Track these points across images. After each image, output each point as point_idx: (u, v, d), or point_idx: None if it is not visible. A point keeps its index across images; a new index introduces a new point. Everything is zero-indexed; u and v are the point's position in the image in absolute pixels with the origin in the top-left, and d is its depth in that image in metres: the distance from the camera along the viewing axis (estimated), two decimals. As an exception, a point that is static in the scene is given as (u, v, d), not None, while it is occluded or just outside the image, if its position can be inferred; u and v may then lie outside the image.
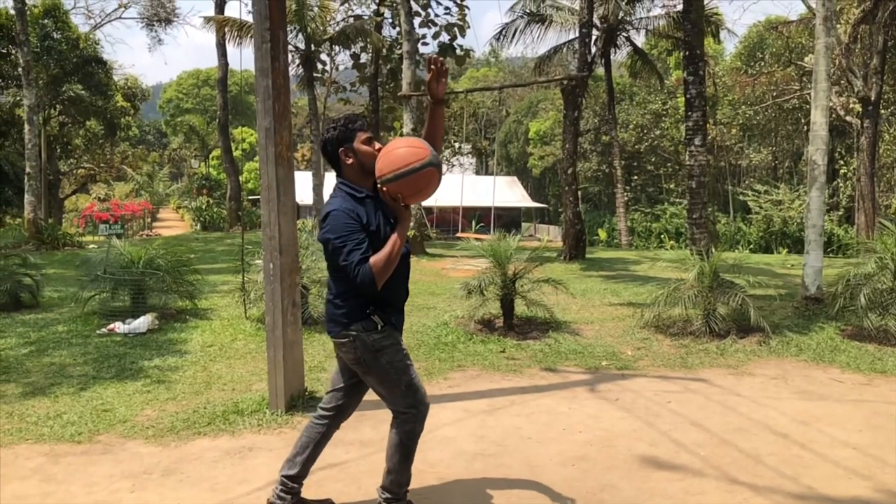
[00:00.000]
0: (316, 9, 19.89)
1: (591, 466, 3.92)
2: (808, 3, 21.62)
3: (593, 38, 18.86)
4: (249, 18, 18.61)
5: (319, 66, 22.36)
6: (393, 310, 3.09)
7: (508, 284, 7.24)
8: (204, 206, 32.91)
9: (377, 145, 3.02)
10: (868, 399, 5.19)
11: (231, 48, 23.60)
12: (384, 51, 21.93)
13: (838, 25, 20.18)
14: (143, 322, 7.23)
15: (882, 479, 3.76)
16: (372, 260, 2.81)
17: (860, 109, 21.46)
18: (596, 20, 19.16)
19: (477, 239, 19.18)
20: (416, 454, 3.17)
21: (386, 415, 3.20)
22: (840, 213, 28.73)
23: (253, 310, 7.78)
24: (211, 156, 47.21)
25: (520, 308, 7.54)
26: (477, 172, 46.30)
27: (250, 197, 41.24)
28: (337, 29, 21.35)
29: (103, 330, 7.23)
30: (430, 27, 20.31)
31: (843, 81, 22.47)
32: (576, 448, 4.20)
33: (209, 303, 8.85)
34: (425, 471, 3.76)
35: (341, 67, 26.00)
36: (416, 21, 18.17)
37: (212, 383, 5.50)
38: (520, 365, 6.11)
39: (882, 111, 22.28)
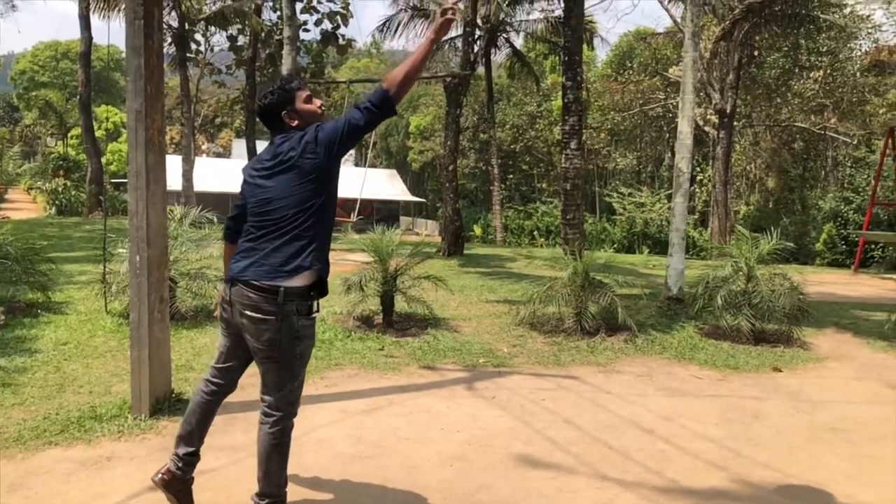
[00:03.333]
0: (191, -15, 18.93)
1: (468, 466, 3.94)
2: (675, 18, 22.99)
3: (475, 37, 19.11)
4: (116, -10, 17.43)
5: (193, 46, 21.30)
6: (323, 291, 2.99)
7: (389, 281, 7.19)
8: (60, 189, 30.50)
9: (318, 102, 2.99)
10: (723, 394, 5.55)
11: (96, 20, 22.04)
12: (263, 35, 21.20)
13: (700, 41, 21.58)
14: (-15, 316, 6.57)
15: (736, 469, 4.02)
16: (383, 81, 2.80)
17: (717, 121, 23.07)
18: (478, 20, 19.41)
19: (357, 229, 18.97)
20: (291, 458, 3.05)
21: (256, 417, 3.05)
22: (696, 216, 30.82)
23: (114, 303, 7.26)
24: (70, 134, 43.90)
25: (399, 304, 7.50)
26: (356, 164, 45.86)
27: (113, 180, 38.75)
28: (214, 8, 20.41)
29: (-63, 324, 6.51)
30: (312, 14, 19.86)
31: (702, 94, 24.10)
32: (454, 448, 4.21)
33: (64, 295, 8.19)
34: (300, 475, 3.63)
35: (217, 49, 24.95)
36: (298, 7, 17.67)
37: (66, 386, 5.06)
38: (399, 363, 6.06)
39: (735, 123, 24.03)
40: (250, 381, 3.20)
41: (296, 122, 2.96)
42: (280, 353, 2.88)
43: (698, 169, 31.47)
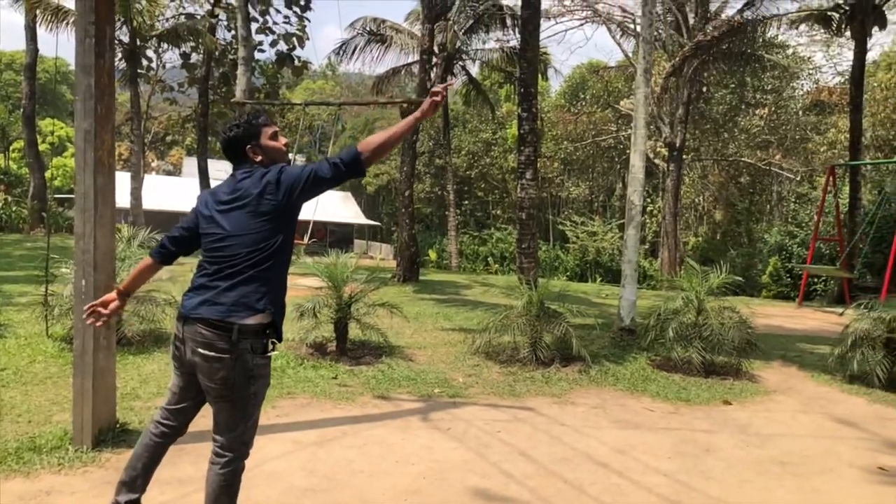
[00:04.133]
0: (144, 1, 18.64)
1: (424, 501, 3.87)
2: (627, 52, 23.61)
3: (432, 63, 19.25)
4: (68, 2, 17.06)
5: (145, 63, 20.92)
6: (278, 336, 2.91)
7: (344, 307, 7.10)
8: (1, 205, 29.45)
9: (283, 140, 2.96)
10: (675, 427, 5.60)
11: (43, 32, 21.45)
12: (217, 53, 20.98)
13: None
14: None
15: (689, 503, 4.05)
16: (361, 143, 2.79)
17: (667, 154, 23.68)
18: (435, 47, 19.57)
19: (310, 252, 18.75)
20: (241, 491, 2.95)
21: (206, 449, 2.94)
22: (646, 246, 31.42)
23: (56, 327, 6.98)
24: (12, 148, 42.51)
25: (354, 332, 7.40)
26: (309, 186, 45.48)
27: (56, 196, 37.61)
28: (167, 25, 20.13)
29: None
30: (267, 34, 19.73)
31: (652, 127, 24.73)
32: (409, 481, 4.13)
33: (2, 317, 7.85)
34: (251, 512, 3.51)
35: (168, 66, 24.59)
36: (254, 27, 17.57)
37: (3, 414, 4.82)
38: (352, 392, 5.96)
39: (684, 157, 24.69)
40: (202, 412, 3.09)
41: (259, 158, 2.93)
42: (234, 392, 2.78)
43: (648, 200, 32.15)
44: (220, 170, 30.73)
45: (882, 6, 16.28)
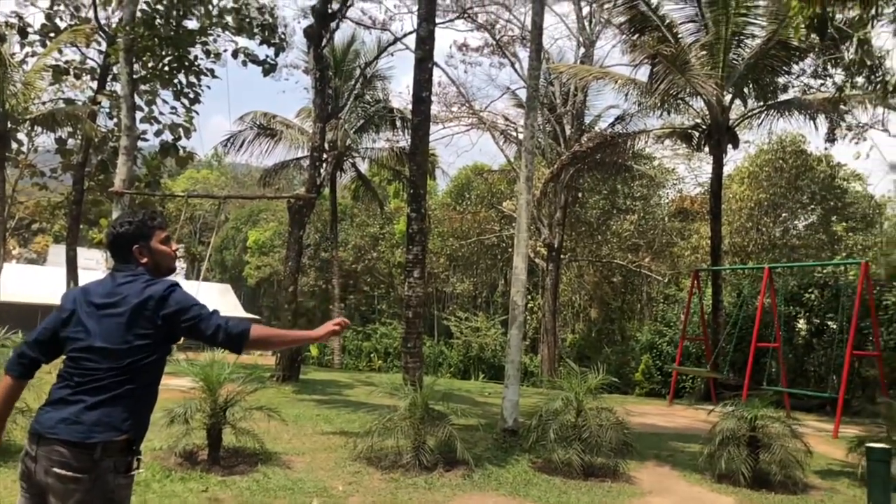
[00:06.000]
0: (19, 84, 17.88)
1: None
2: (509, 157, 24.87)
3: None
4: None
5: (14, 146, 19.83)
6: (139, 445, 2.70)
7: (218, 412, 6.73)
8: None
9: (175, 245, 2.86)
10: (557, 534, 5.59)
11: None
12: (97, 141, 20.24)
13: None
14: None
15: None
16: (256, 325, 2.69)
17: (546, 253, 24.69)
18: (325, 144, 19.84)
19: (184, 347, 17.85)
20: None
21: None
22: (527, 342, 32.08)
23: None
24: None
25: (228, 438, 7.01)
26: (187, 277, 43.83)
27: None
28: (43, 109, 19.33)
29: None
30: (152, 123, 19.29)
31: (533, 227, 25.84)
32: None
33: None
34: None
35: (41, 149, 23.45)
36: (139, 116, 17.18)
37: None
38: (224, 506, 5.58)
39: (562, 257, 25.79)
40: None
41: (145, 260, 2.79)
42: None
43: (529, 297, 33.09)
44: (90, 258, 29.13)
45: (734, 127, 18.10)
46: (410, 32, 22.52)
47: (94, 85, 19.83)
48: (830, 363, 14.87)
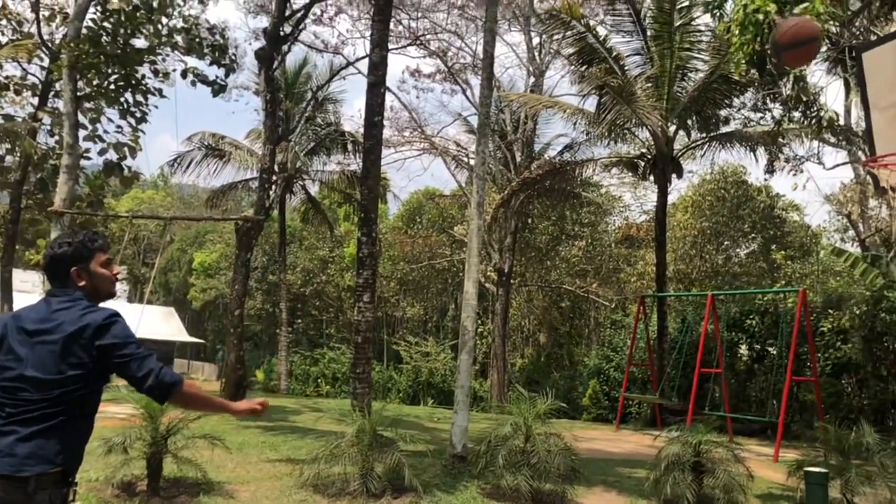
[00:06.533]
0: (-46, 99, 17.29)
1: None
2: (461, 182, 25.07)
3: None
4: None
5: (-54, 162, 19.12)
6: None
7: (159, 441, 6.52)
8: None
9: (116, 268, 2.77)
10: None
11: None
12: (36, 158, 19.64)
13: (482, 206, 23.65)
14: None
15: None
16: (188, 382, 2.69)
17: (496, 278, 24.86)
18: (275, 166, 19.67)
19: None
20: None
21: None
22: (476, 367, 32.09)
23: None
24: None
25: (169, 467, 6.78)
26: (130, 300, 42.64)
27: None
28: (-22, 125, 18.66)
29: None
30: (96, 142, 18.83)
31: (483, 252, 26.02)
32: None
33: None
34: None
35: (-23, 167, 22.59)
36: (82, 134, 16.75)
37: None
38: (163, 538, 5.39)
39: (512, 281, 25.99)
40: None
41: (83, 283, 2.68)
42: None
43: (479, 322, 33.20)
44: (26, 281, 28.09)
45: (679, 157, 18.62)
46: (363, 57, 22.68)
47: (35, 101, 19.29)
48: (770, 388, 15.24)
